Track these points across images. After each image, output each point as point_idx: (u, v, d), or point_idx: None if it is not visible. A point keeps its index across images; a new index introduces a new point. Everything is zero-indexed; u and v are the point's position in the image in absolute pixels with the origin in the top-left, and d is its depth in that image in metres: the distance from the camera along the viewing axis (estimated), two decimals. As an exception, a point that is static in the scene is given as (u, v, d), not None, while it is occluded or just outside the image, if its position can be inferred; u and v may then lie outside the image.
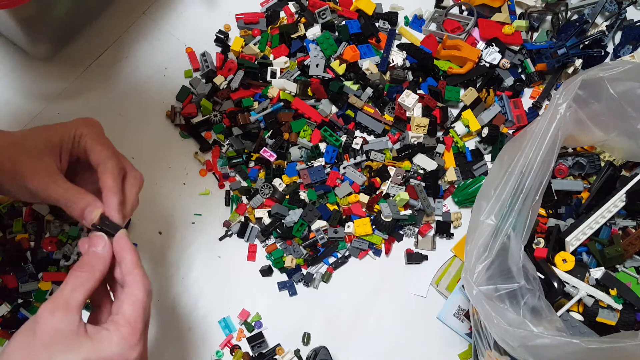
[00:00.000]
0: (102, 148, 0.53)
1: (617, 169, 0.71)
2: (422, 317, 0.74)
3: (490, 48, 0.83)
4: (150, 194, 0.78)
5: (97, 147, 0.53)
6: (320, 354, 0.70)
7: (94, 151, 0.53)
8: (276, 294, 0.75)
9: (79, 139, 0.53)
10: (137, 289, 0.48)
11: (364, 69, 0.81)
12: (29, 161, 0.51)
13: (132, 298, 0.48)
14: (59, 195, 0.50)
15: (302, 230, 0.74)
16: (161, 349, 0.72)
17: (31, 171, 0.51)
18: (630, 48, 0.84)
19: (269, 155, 0.77)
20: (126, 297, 0.48)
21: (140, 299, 0.48)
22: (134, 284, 0.48)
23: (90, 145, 0.53)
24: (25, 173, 0.50)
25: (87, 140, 0.53)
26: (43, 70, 0.83)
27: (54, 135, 0.53)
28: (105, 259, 0.49)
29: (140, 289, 0.48)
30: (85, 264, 0.48)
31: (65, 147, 0.53)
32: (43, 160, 0.51)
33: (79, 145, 0.53)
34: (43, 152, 0.52)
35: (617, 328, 0.63)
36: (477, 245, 0.59)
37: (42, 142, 0.52)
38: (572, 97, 0.61)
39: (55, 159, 0.52)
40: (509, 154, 0.63)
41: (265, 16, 0.86)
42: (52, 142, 0.52)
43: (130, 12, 0.86)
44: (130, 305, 0.47)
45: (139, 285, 0.48)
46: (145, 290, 0.48)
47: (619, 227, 0.69)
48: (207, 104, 0.79)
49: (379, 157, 0.77)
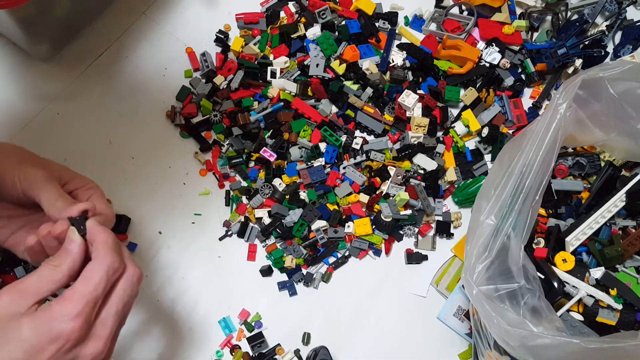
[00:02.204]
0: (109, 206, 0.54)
1: (617, 169, 0.71)
2: (422, 317, 0.75)
3: (490, 48, 0.83)
4: (150, 194, 0.78)
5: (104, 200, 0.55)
6: (320, 354, 0.70)
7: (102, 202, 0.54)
8: (276, 294, 0.75)
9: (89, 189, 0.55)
10: (95, 265, 0.47)
11: (364, 69, 0.81)
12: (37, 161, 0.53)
13: (86, 273, 0.47)
14: (55, 190, 0.51)
15: (302, 230, 0.74)
16: (161, 349, 0.72)
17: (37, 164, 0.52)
18: (630, 48, 0.84)
19: (269, 155, 0.77)
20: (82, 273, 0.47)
21: (94, 275, 0.47)
22: (93, 260, 0.48)
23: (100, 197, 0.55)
24: (30, 163, 0.52)
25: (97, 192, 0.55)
26: (43, 70, 0.83)
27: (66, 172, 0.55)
28: (78, 257, 0.49)
29: (99, 265, 0.47)
30: (57, 259, 0.48)
31: (71, 185, 0.54)
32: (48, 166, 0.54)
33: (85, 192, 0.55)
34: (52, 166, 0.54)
35: (617, 328, 0.63)
36: (477, 245, 0.59)
37: (58, 168, 0.54)
38: (572, 97, 0.61)
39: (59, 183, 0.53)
40: (509, 154, 0.63)
41: (265, 16, 0.86)
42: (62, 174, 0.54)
43: (130, 12, 0.86)
44: (81, 280, 0.47)
45: (98, 262, 0.47)
46: (104, 267, 0.47)
47: (619, 227, 0.69)
48: (207, 104, 0.79)
49: (379, 157, 0.77)
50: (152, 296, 0.74)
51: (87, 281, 0.47)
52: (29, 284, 0.46)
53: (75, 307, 0.45)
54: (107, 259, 0.47)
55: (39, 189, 0.51)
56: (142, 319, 0.73)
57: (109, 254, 0.48)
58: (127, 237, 0.76)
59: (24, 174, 0.51)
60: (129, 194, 0.78)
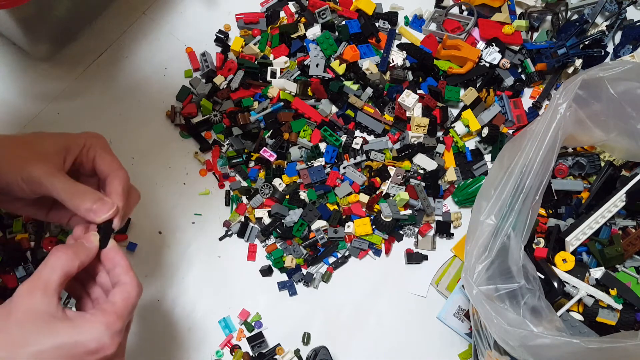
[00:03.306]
0: (113, 158, 0.55)
1: (617, 169, 0.71)
2: (422, 317, 0.75)
3: (490, 48, 0.83)
4: (150, 194, 0.78)
5: (107, 157, 0.54)
6: (320, 354, 0.70)
7: (105, 160, 0.54)
8: (276, 294, 0.75)
9: (88, 148, 0.54)
10: (131, 287, 0.49)
11: (364, 69, 0.81)
12: (37, 155, 0.52)
13: (125, 294, 0.48)
14: (63, 186, 0.50)
15: (302, 230, 0.74)
16: (161, 349, 0.72)
17: (38, 160, 0.51)
18: (630, 48, 0.84)
19: (269, 155, 0.77)
20: (119, 291, 0.48)
21: (132, 296, 0.48)
22: (129, 282, 0.49)
23: (101, 155, 0.54)
24: (32, 162, 0.51)
25: (97, 150, 0.54)
26: (43, 70, 0.83)
27: (63, 140, 0.54)
28: (90, 251, 0.49)
29: (135, 288, 0.49)
30: (69, 247, 0.48)
31: (71, 152, 0.53)
32: (50, 156, 0.52)
33: (87, 153, 0.54)
34: (50, 151, 0.52)
35: (617, 328, 0.63)
36: (477, 245, 0.59)
37: (51, 143, 0.53)
38: (572, 97, 0.61)
39: (60, 159, 0.53)
40: (509, 154, 0.63)
41: (265, 16, 0.86)
42: (60, 144, 0.53)
43: (130, 12, 0.86)
44: (121, 297, 0.48)
45: (133, 284, 0.49)
46: (137, 291, 0.49)
47: (619, 227, 0.69)
48: (207, 104, 0.79)
49: (379, 157, 0.77)
50: (152, 296, 0.74)
51: (128, 300, 0.48)
52: (47, 279, 0.46)
53: (118, 323, 0.46)
54: (139, 284, 0.49)
55: (48, 187, 0.50)
56: (142, 319, 0.73)
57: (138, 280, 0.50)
58: (127, 237, 0.76)
59: (27, 176, 0.50)
60: (129, 194, 0.77)
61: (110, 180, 0.53)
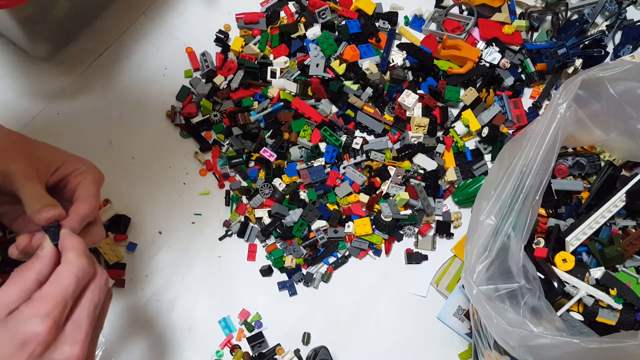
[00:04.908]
0: (96, 192, 0.53)
1: (617, 169, 0.71)
2: (422, 317, 0.74)
3: (490, 48, 0.83)
4: (150, 194, 0.78)
5: (92, 188, 0.53)
6: (320, 354, 0.70)
7: (87, 188, 0.53)
8: (276, 294, 0.75)
9: (79, 173, 0.54)
10: (64, 267, 0.47)
11: (364, 69, 0.81)
12: (26, 157, 0.51)
13: (55, 276, 0.46)
14: (31, 190, 0.50)
15: (302, 230, 0.74)
16: (161, 349, 0.72)
17: (23, 161, 0.50)
18: (630, 48, 0.84)
19: (269, 155, 0.77)
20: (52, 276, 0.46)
21: (63, 277, 0.46)
22: (63, 263, 0.47)
23: (86, 184, 0.53)
24: (17, 159, 0.50)
25: (86, 177, 0.54)
26: (43, 70, 0.83)
27: (61, 156, 0.54)
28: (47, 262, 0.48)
29: (68, 268, 0.46)
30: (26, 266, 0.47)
31: (63, 170, 0.53)
32: (38, 164, 0.52)
33: (76, 177, 0.53)
34: (43, 160, 0.52)
35: (617, 328, 0.63)
36: (477, 245, 0.59)
37: (48, 154, 0.53)
38: (572, 97, 0.61)
39: (46, 171, 0.52)
40: (509, 154, 0.63)
41: (265, 16, 0.86)
42: (56, 159, 0.53)
43: (130, 12, 0.86)
44: (50, 282, 0.46)
45: (67, 265, 0.47)
46: (74, 269, 0.46)
47: (619, 227, 0.69)
48: (207, 103, 0.79)
49: (379, 157, 0.77)
50: (152, 296, 0.74)
51: (56, 283, 0.46)
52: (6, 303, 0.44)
53: (43, 307, 0.44)
54: (76, 262, 0.47)
55: (18, 187, 0.50)
56: (142, 319, 0.73)
57: (78, 257, 0.47)
58: (127, 237, 0.76)
59: (4, 170, 0.49)
60: (129, 194, 0.77)
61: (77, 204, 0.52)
